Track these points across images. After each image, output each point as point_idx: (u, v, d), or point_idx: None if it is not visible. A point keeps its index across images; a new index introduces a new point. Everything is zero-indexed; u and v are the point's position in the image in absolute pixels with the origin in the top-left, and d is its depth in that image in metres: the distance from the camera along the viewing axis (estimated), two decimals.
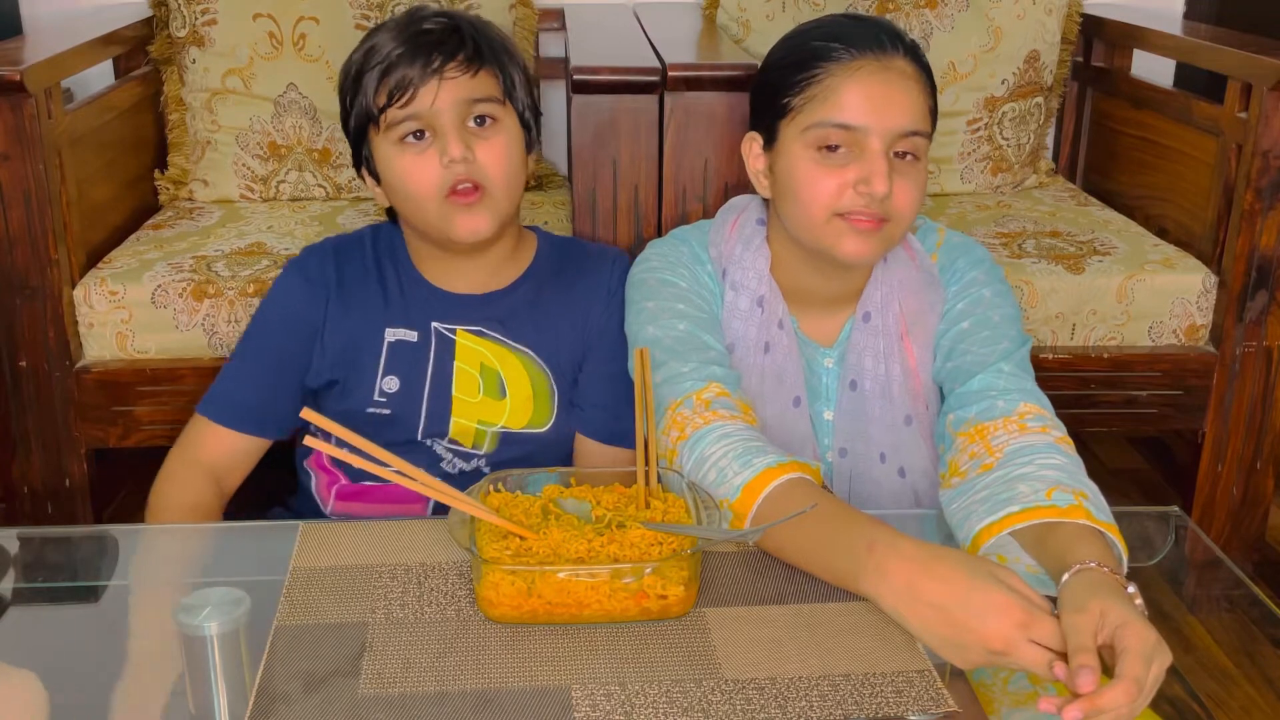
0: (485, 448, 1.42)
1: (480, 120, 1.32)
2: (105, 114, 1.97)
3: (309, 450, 1.48)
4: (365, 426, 1.40)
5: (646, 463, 1.11)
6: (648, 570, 0.99)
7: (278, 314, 1.45)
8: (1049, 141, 2.41)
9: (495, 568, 0.98)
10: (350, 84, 1.35)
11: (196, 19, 2.09)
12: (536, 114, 1.41)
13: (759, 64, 1.36)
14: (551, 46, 2.35)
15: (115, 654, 1.04)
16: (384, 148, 1.33)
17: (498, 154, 1.32)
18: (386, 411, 1.41)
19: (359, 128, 1.35)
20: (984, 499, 1.13)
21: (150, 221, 2.04)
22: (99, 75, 2.11)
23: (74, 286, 1.80)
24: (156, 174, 2.14)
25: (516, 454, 1.42)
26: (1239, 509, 2.01)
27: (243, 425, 1.42)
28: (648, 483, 1.10)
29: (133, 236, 1.97)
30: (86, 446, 1.85)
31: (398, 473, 1.05)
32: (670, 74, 1.72)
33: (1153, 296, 1.92)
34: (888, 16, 2.20)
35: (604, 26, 2.15)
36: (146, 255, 1.87)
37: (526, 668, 0.95)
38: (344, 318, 1.42)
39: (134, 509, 2.06)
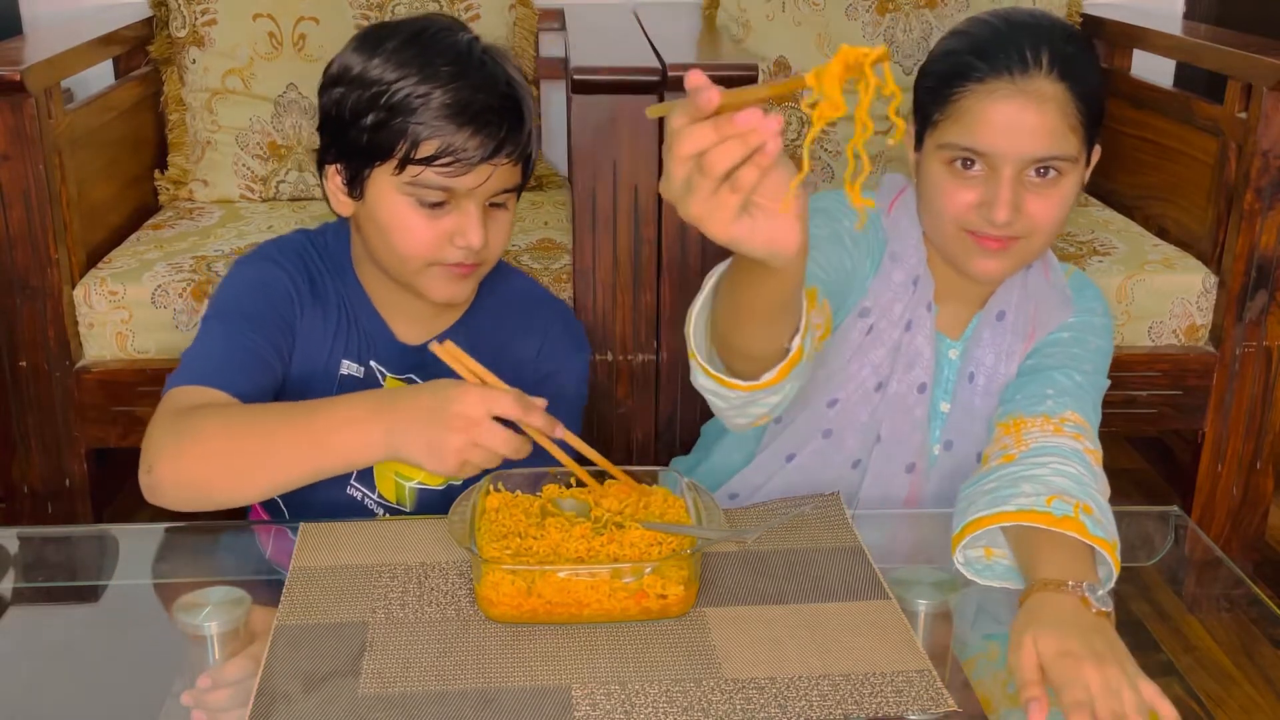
0: (408, 504, 1.32)
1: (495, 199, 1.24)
2: (105, 114, 1.97)
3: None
4: None
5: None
6: (647, 570, 0.99)
7: (261, 291, 1.26)
8: None
9: (495, 567, 0.98)
10: (379, 106, 1.18)
11: (196, 19, 2.10)
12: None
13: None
14: (551, 46, 2.35)
15: (115, 654, 1.04)
16: (389, 190, 1.20)
17: (501, 231, 1.25)
18: None
19: (364, 150, 1.20)
20: (989, 491, 1.13)
21: (150, 221, 2.04)
22: (99, 75, 2.11)
23: (74, 286, 1.80)
24: (156, 174, 2.14)
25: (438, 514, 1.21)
26: (1239, 509, 2.02)
27: (238, 384, 1.17)
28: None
29: (133, 236, 1.97)
30: (86, 446, 1.85)
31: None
32: (670, 74, 1.71)
33: (1152, 296, 1.92)
34: (887, 17, 2.21)
35: (604, 26, 2.14)
36: (146, 255, 1.87)
37: (526, 667, 0.95)
38: (307, 338, 1.28)
39: (134, 509, 2.06)
